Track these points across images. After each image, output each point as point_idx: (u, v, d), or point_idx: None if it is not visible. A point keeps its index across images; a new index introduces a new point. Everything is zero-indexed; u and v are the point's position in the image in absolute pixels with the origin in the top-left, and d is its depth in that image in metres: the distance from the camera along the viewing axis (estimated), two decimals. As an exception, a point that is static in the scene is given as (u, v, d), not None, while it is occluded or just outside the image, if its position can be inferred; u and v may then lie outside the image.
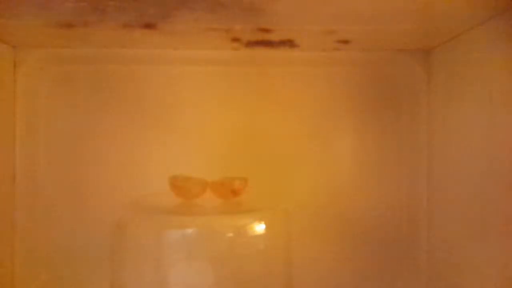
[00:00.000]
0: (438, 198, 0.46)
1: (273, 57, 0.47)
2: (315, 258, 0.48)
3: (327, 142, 0.49)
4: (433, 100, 0.47)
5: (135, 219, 0.38)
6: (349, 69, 0.49)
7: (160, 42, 0.43)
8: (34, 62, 0.46)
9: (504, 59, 0.34)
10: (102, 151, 0.48)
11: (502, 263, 0.34)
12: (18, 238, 0.46)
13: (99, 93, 0.48)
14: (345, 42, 0.44)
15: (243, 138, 0.49)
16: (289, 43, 0.44)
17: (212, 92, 0.49)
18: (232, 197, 0.41)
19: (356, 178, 0.49)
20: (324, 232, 0.49)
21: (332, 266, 0.49)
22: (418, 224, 0.48)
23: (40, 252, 0.47)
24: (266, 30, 0.40)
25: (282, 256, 0.40)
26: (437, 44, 0.45)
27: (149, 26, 0.38)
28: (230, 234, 0.36)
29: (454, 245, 0.42)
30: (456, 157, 0.41)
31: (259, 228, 0.37)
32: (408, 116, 0.49)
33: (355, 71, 0.49)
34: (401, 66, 0.48)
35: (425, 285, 0.48)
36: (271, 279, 0.38)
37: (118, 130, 0.48)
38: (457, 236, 0.41)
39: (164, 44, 0.44)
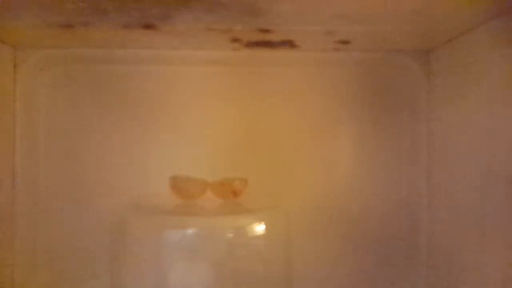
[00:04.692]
0: (438, 198, 0.46)
1: (273, 58, 0.47)
2: (315, 258, 0.48)
3: (327, 142, 0.49)
4: (433, 100, 0.47)
5: (135, 219, 0.38)
6: (349, 69, 0.49)
7: (160, 42, 0.43)
8: (34, 63, 0.46)
9: (504, 59, 0.34)
10: (102, 151, 0.48)
11: (502, 263, 0.34)
12: (18, 238, 0.46)
13: (99, 93, 0.48)
14: (345, 42, 0.44)
15: (243, 138, 0.49)
16: (289, 44, 0.44)
17: (212, 92, 0.49)
18: (232, 197, 0.41)
19: (356, 178, 0.49)
20: (324, 232, 0.49)
21: (332, 266, 0.49)
22: (418, 224, 0.48)
23: (40, 252, 0.47)
24: (266, 31, 0.40)
25: (282, 256, 0.40)
26: (437, 44, 0.45)
27: (149, 26, 0.38)
28: (230, 235, 0.36)
29: (454, 245, 0.42)
30: (456, 157, 0.41)
31: (259, 228, 0.37)
32: (408, 116, 0.49)
33: (355, 71, 0.49)
34: (401, 67, 0.48)
35: (425, 285, 0.48)
36: (271, 280, 0.38)
37: (118, 130, 0.48)
38: (457, 236, 0.41)
39: (164, 44, 0.44)
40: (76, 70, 0.48)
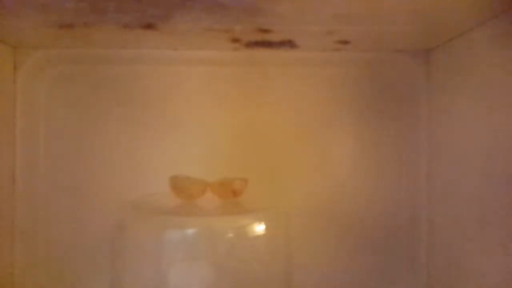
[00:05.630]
0: (438, 198, 0.46)
1: (273, 57, 0.47)
2: (315, 258, 0.48)
3: (327, 142, 0.49)
4: (433, 100, 0.47)
5: (136, 220, 0.38)
6: (349, 69, 0.49)
7: (160, 42, 0.43)
8: (34, 63, 0.46)
9: (504, 59, 0.34)
10: (102, 151, 0.48)
11: (501, 263, 0.34)
12: (18, 238, 0.46)
13: (99, 93, 0.48)
14: (345, 42, 0.44)
15: (243, 138, 0.49)
16: (289, 44, 0.44)
17: (212, 92, 0.49)
18: (232, 197, 0.41)
19: (356, 178, 0.49)
20: (324, 233, 0.49)
21: (332, 266, 0.49)
22: (418, 224, 0.48)
23: (40, 252, 0.47)
24: (266, 31, 0.40)
25: (282, 256, 0.40)
26: (437, 44, 0.45)
27: (149, 26, 0.38)
28: (230, 235, 0.36)
29: (454, 245, 0.42)
30: (456, 157, 0.41)
31: (259, 228, 0.37)
32: (408, 116, 0.49)
33: (355, 71, 0.49)
34: (401, 67, 0.48)
35: (425, 285, 0.48)
36: (271, 280, 0.38)
37: (118, 130, 0.48)
38: (457, 236, 0.41)
39: (164, 44, 0.44)
40: (76, 70, 0.48)
